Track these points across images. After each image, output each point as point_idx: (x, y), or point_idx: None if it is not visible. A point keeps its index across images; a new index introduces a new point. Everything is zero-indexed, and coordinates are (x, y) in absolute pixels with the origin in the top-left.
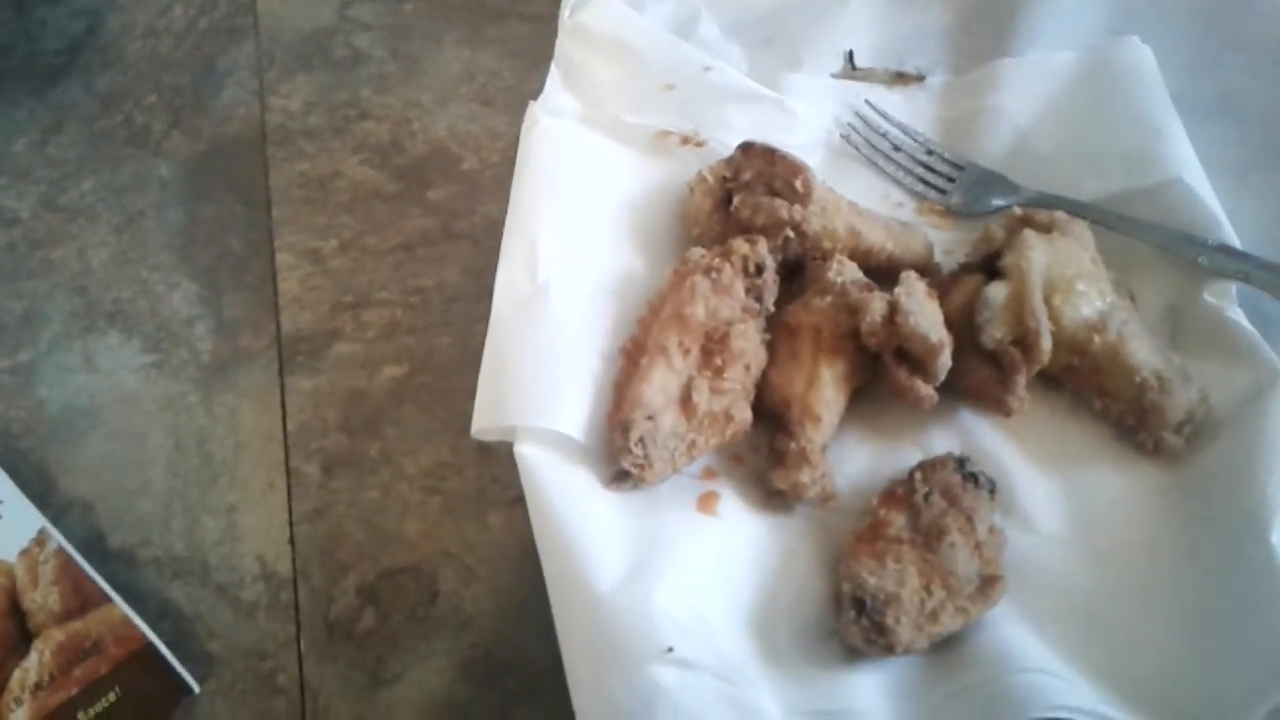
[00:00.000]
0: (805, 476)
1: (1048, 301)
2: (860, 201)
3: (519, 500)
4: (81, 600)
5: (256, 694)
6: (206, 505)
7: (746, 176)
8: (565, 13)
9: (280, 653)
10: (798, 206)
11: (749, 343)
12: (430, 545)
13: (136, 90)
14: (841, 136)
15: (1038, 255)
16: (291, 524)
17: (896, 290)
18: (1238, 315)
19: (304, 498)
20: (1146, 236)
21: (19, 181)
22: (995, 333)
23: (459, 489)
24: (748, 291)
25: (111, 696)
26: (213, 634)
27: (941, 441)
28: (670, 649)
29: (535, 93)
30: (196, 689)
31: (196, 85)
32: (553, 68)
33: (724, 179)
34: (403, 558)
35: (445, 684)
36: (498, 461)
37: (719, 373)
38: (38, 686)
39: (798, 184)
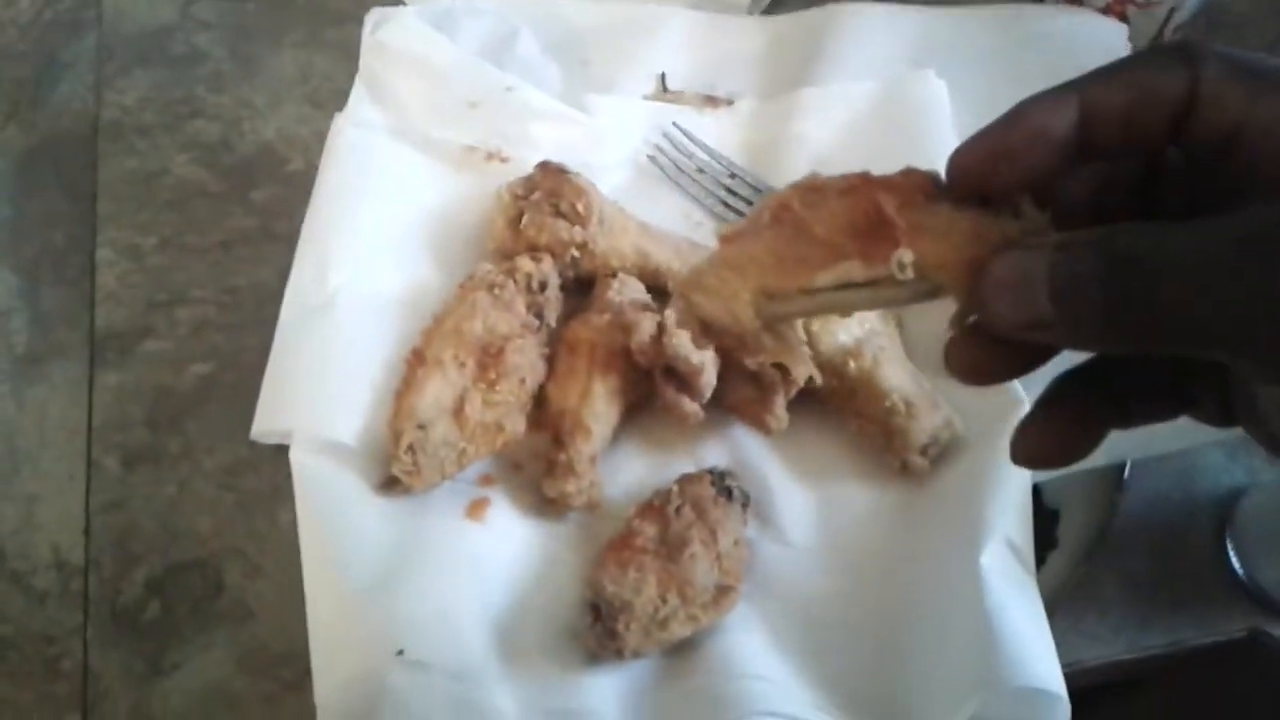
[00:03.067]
0: (571, 486)
1: (806, 328)
2: (661, 220)
3: None
4: None
5: (41, 677)
6: (7, 494)
7: (536, 196)
8: (366, 30)
9: (67, 639)
10: (578, 228)
11: (524, 357)
12: (220, 541)
13: None
14: (648, 157)
15: None
16: (88, 515)
17: (666, 312)
18: None
19: (102, 490)
20: None
21: None
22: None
23: (253, 486)
24: (529, 308)
25: None
26: (3, 618)
27: (713, 454)
28: (401, 651)
29: None
30: None
31: (36, 78)
32: (357, 81)
33: (518, 196)
34: (193, 551)
35: (223, 674)
36: None
37: (492, 385)
38: None
39: (580, 206)
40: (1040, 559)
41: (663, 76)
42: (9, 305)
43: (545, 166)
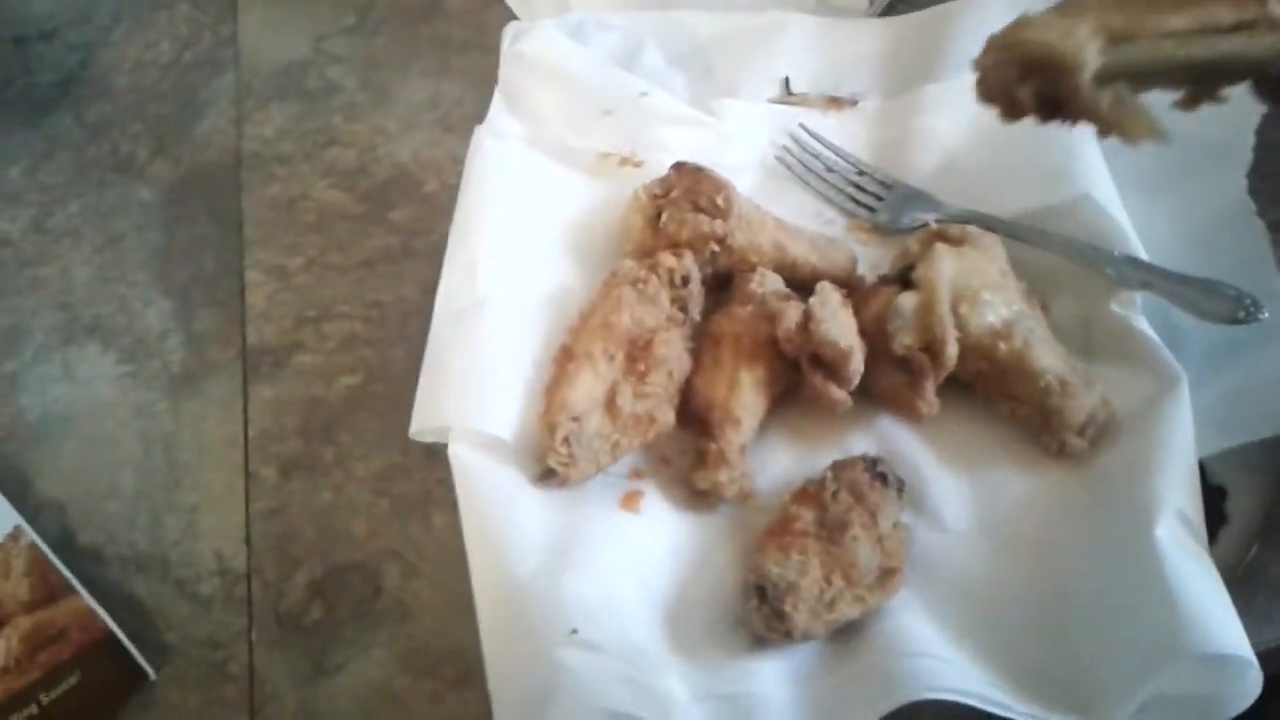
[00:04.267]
0: (724, 476)
1: (955, 310)
2: (793, 219)
3: None
4: (49, 591)
5: (208, 681)
6: (170, 506)
7: (675, 194)
8: (505, 42)
9: (232, 643)
10: (720, 221)
11: (672, 349)
12: (377, 543)
13: (123, 120)
14: (776, 158)
15: (946, 266)
16: (248, 523)
17: (811, 300)
18: (1142, 323)
19: (261, 498)
20: (1060, 250)
21: (11, 205)
22: (905, 340)
23: (406, 491)
24: (673, 302)
25: (73, 680)
26: (170, 625)
27: (860, 444)
28: (575, 631)
29: None
30: (153, 675)
31: (179, 115)
32: (496, 93)
33: (655, 196)
34: (351, 555)
35: (385, 674)
36: (443, 466)
37: (642, 377)
38: (4, 670)
39: (720, 200)
40: (1211, 535)
41: (786, 81)
42: (165, 327)
43: (681, 167)
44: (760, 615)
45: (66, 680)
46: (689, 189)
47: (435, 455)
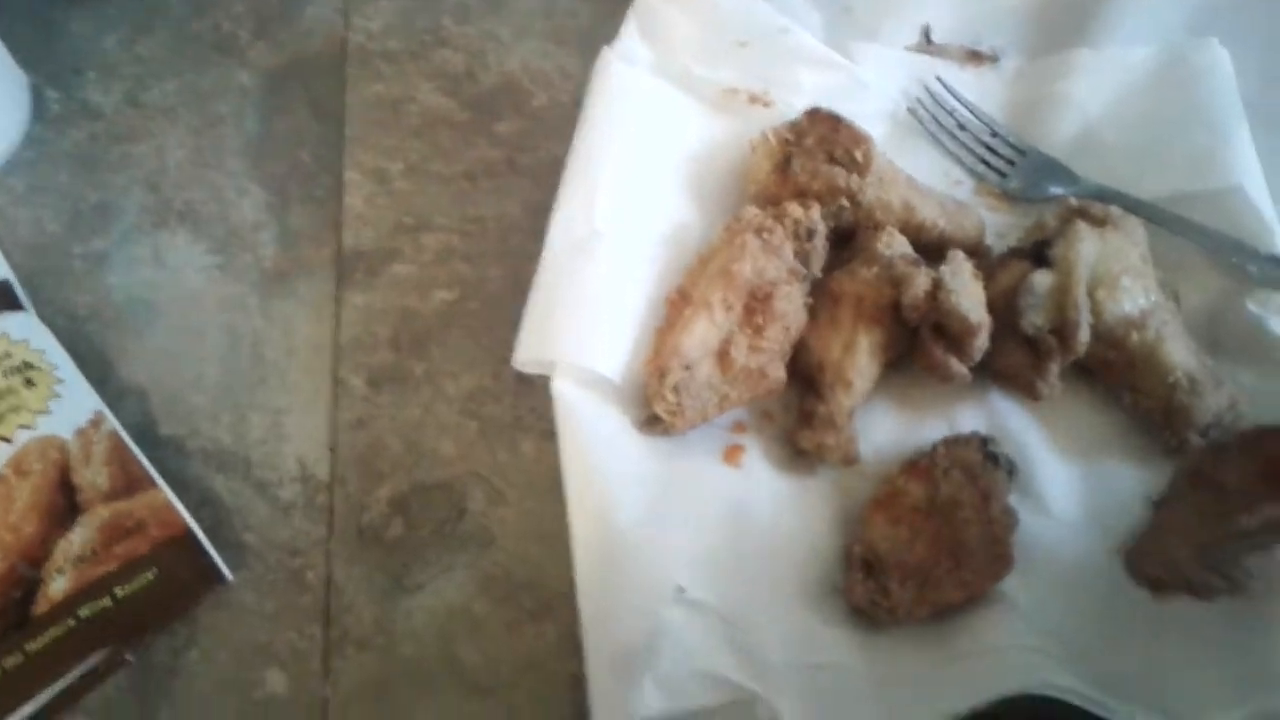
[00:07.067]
0: (830, 439)
1: (1091, 294)
2: (920, 176)
3: (552, 432)
4: (129, 482)
5: (285, 587)
6: (255, 404)
7: (808, 141)
8: None
9: (311, 551)
10: (855, 176)
11: (791, 305)
12: (463, 465)
13: None
14: (908, 110)
15: (1087, 248)
16: (334, 431)
17: (942, 268)
18: (1278, 326)
19: (348, 408)
20: (1199, 240)
21: (106, 77)
22: (1036, 320)
23: (496, 415)
24: (796, 255)
25: (149, 575)
26: (249, 527)
27: (968, 419)
28: (681, 589)
29: (609, 36)
30: (229, 577)
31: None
32: (629, 14)
33: (786, 141)
34: (436, 474)
35: (464, 597)
36: (535, 393)
37: (759, 331)
38: (80, 559)
39: (858, 154)
40: None
41: (926, 28)
42: (258, 219)
43: (816, 113)
44: (864, 589)
45: (142, 575)
46: (824, 138)
47: (527, 381)
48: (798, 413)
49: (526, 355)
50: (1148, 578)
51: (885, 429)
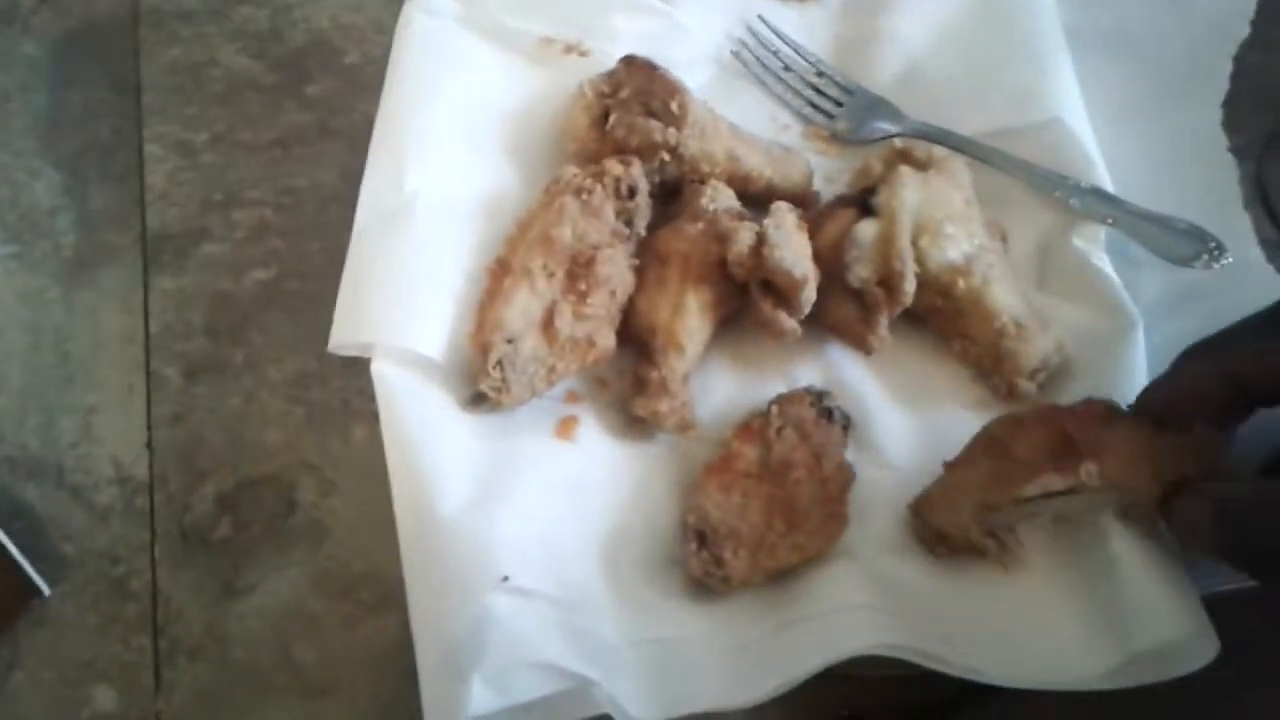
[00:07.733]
0: (664, 405)
1: (915, 243)
2: (747, 122)
3: None
4: None
5: (108, 598)
6: (63, 405)
7: (625, 93)
8: None
9: (134, 558)
10: (673, 130)
11: (616, 268)
12: (291, 455)
13: None
14: (732, 53)
15: (909, 195)
16: (150, 428)
17: (765, 222)
18: (1102, 261)
19: (164, 402)
20: (1023, 175)
21: None
22: (861, 272)
23: (323, 400)
24: (618, 215)
25: None
26: (66, 536)
27: (806, 373)
28: (506, 578)
29: None
30: (47, 591)
31: None
32: None
33: (602, 94)
34: (262, 467)
35: (299, 595)
36: (363, 374)
37: (583, 298)
38: None
39: (674, 106)
40: None
41: None
42: (54, 203)
43: (631, 62)
44: (699, 561)
45: None
46: (640, 89)
47: (354, 362)
48: (631, 379)
49: (342, 338)
50: (931, 531)
51: (723, 390)
